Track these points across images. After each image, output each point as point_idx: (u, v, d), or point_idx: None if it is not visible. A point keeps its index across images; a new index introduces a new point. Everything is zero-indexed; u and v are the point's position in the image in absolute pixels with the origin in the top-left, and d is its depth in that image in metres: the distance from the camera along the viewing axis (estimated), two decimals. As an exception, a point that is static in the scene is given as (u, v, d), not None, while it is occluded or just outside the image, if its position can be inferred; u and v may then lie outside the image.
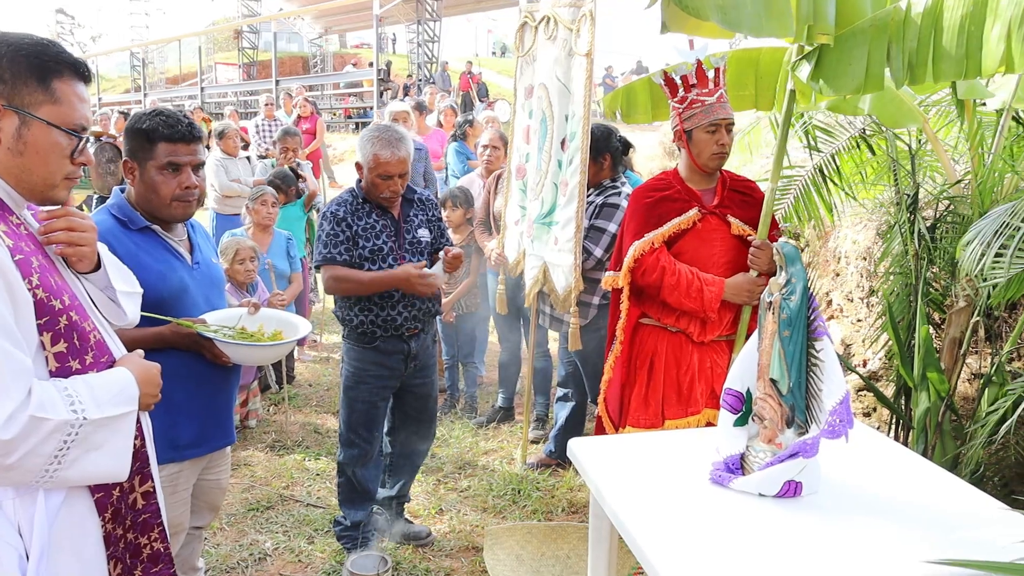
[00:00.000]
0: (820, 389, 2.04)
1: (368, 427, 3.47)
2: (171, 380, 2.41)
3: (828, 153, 4.14)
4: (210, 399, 2.60)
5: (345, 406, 3.48)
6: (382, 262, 3.30)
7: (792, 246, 2.10)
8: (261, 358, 2.81)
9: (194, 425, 2.54)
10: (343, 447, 3.51)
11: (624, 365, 3.26)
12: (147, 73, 31.82)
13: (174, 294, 2.45)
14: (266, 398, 5.56)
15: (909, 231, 3.52)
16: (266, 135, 10.76)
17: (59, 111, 1.66)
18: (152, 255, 2.43)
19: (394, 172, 3.27)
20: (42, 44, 1.65)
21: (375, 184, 3.29)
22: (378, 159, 3.25)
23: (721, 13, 2.64)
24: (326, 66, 32.61)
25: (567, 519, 3.97)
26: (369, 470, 3.53)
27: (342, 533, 3.59)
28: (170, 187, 2.41)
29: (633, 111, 4.05)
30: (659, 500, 2.07)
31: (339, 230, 3.30)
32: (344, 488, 3.56)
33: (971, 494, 2.13)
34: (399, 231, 3.38)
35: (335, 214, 3.32)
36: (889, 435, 3.72)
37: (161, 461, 2.43)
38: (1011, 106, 3.31)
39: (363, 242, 3.30)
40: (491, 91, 22.56)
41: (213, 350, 2.49)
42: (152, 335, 2.39)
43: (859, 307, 4.84)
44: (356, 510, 3.55)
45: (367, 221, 3.33)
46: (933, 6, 2.47)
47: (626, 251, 3.17)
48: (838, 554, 1.81)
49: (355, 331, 3.38)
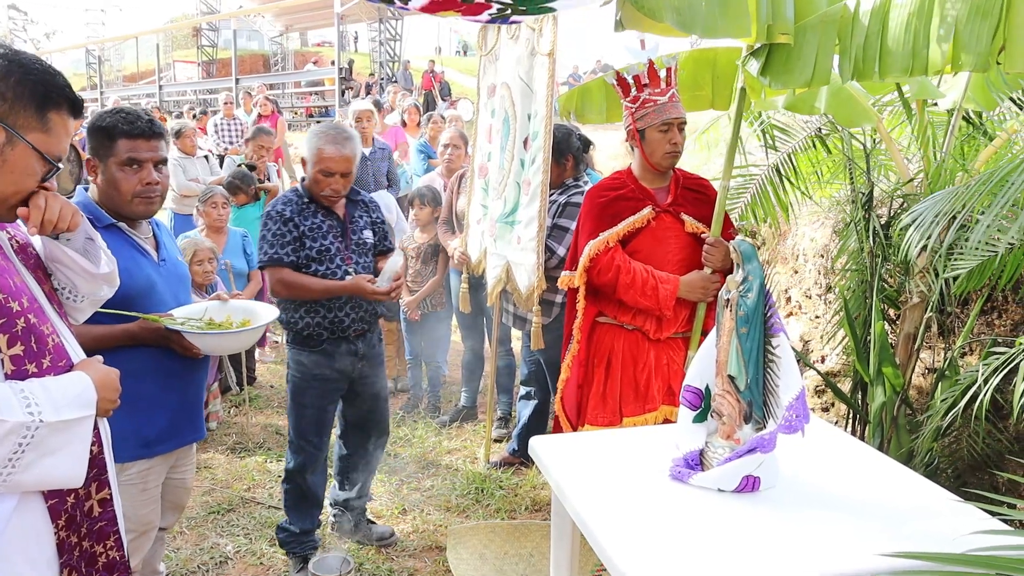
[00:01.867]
0: (777, 385, 2.07)
1: (318, 432, 3.41)
2: (141, 376, 2.42)
3: (785, 152, 4.19)
4: (180, 393, 2.60)
5: (293, 412, 3.40)
6: (329, 263, 3.25)
7: (749, 244, 2.13)
8: (231, 346, 2.79)
9: (165, 420, 2.54)
10: (293, 454, 3.43)
11: (582, 364, 3.27)
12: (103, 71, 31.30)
13: (141, 291, 2.45)
14: (227, 400, 5.50)
15: (864, 229, 3.58)
16: (225, 134, 10.64)
17: (46, 140, 1.69)
18: (118, 252, 2.40)
19: (336, 169, 3.21)
20: (50, 74, 1.70)
21: (317, 180, 3.23)
22: (322, 153, 3.19)
23: (676, 14, 2.66)
24: (287, 64, 32.31)
25: (530, 517, 3.98)
26: (318, 476, 3.47)
27: (287, 540, 3.49)
28: (131, 183, 2.41)
29: (588, 111, 4.07)
30: (620, 497, 2.09)
31: (285, 230, 3.22)
32: (292, 495, 3.48)
33: (924, 487, 2.17)
34: (345, 232, 3.33)
35: (281, 213, 3.25)
36: (847, 429, 3.79)
37: (131, 458, 2.46)
38: (961, 106, 3.38)
39: (310, 242, 3.23)
40: (454, 90, 22.50)
41: (182, 343, 2.50)
42: (121, 332, 2.41)
43: (817, 304, 4.91)
44: (304, 518, 3.48)
45: (313, 221, 3.26)
46: (881, 4, 2.51)
47: (581, 251, 3.19)
48: (795, 547, 1.84)
49: (300, 334, 3.31)
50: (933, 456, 3.30)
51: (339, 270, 3.25)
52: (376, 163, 6.61)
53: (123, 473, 2.40)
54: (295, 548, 3.48)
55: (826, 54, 2.66)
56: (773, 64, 2.81)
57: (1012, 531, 1.79)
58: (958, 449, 3.32)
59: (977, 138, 3.74)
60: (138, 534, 2.52)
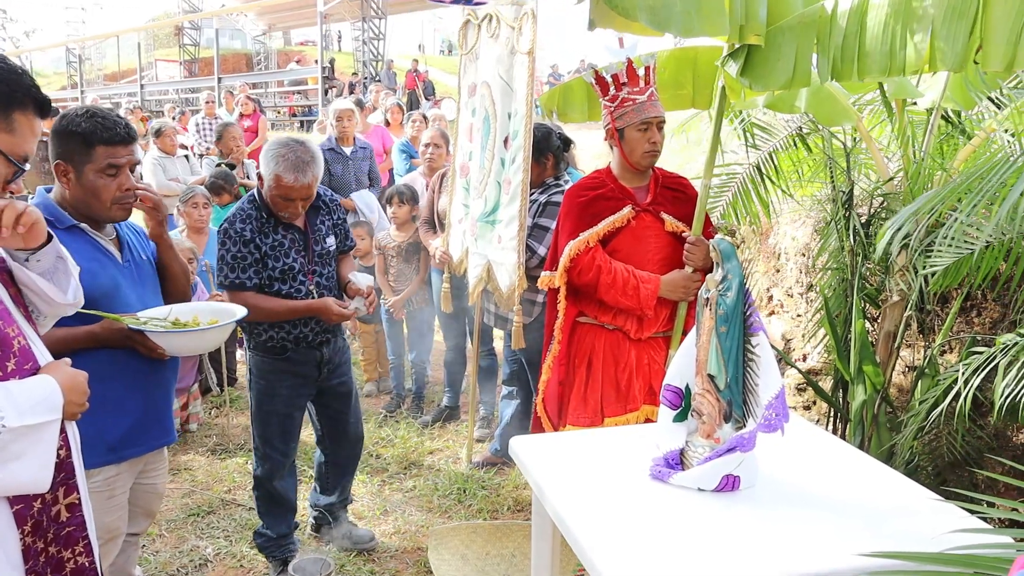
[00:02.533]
0: (757, 384, 2.06)
1: (285, 439, 3.37)
2: (106, 379, 2.36)
3: (766, 151, 4.20)
4: (147, 396, 2.55)
5: (260, 420, 3.34)
6: (292, 280, 3.16)
7: (728, 243, 2.12)
8: (197, 346, 2.68)
9: (131, 424, 2.49)
10: (260, 461, 3.38)
11: (563, 364, 3.26)
12: (84, 70, 31.02)
13: (106, 292, 2.40)
14: (207, 401, 5.45)
15: (845, 228, 3.59)
16: (206, 133, 10.57)
17: (11, 140, 1.67)
18: (82, 254, 2.37)
19: (296, 197, 3.08)
20: (16, 73, 1.67)
21: (274, 202, 3.11)
22: (280, 181, 3.04)
23: (650, 13, 2.64)
24: (270, 63, 32.15)
25: (513, 517, 3.97)
26: (287, 480, 3.43)
27: (265, 544, 3.46)
28: (111, 190, 2.38)
29: (569, 110, 4.06)
30: (600, 497, 2.08)
31: (246, 251, 3.10)
32: (264, 501, 3.44)
33: (905, 485, 2.18)
34: (308, 244, 3.23)
35: (240, 234, 3.10)
36: (828, 428, 3.80)
37: (97, 464, 2.40)
38: (940, 105, 3.39)
39: (272, 262, 3.13)
40: (438, 89, 22.49)
41: (147, 343, 2.44)
42: (84, 333, 2.35)
43: (799, 302, 4.92)
44: (279, 522, 3.44)
45: (274, 238, 3.15)
46: (859, 5, 2.51)
47: (561, 251, 3.18)
48: (775, 546, 1.84)
49: (264, 344, 3.25)
50: (913, 454, 3.32)
51: (302, 287, 3.19)
52: (357, 162, 6.59)
53: (89, 480, 2.33)
54: (274, 552, 3.46)
55: (805, 55, 2.66)
56: (752, 65, 2.81)
57: (992, 529, 1.79)
58: (938, 447, 3.33)
59: (956, 137, 3.76)
60: (104, 541, 2.46)
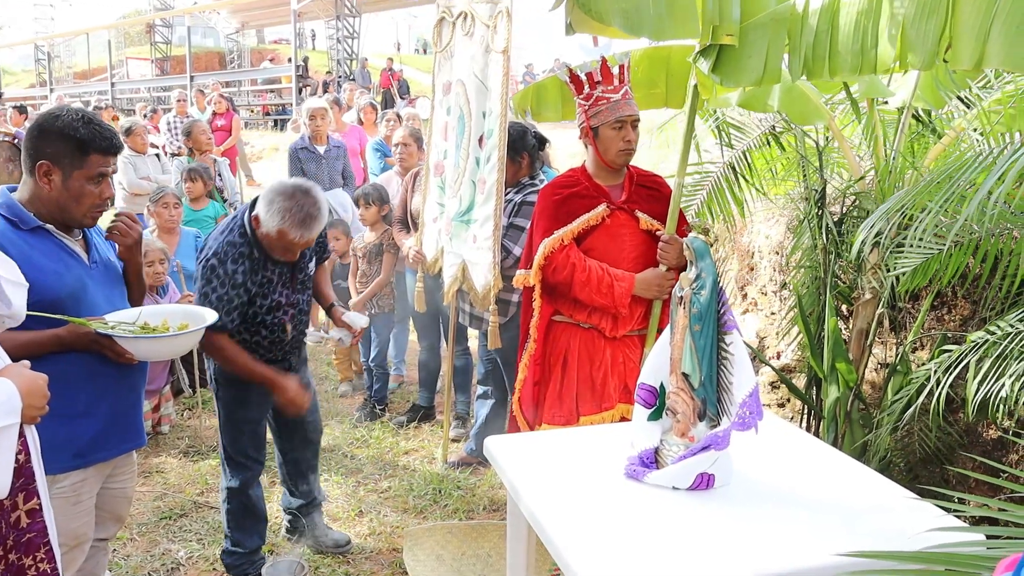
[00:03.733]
0: (731, 382, 2.07)
1: (257, 446, 3.31)
2: (73, 384, 2.32)
3: (740, 150, 4.22)
4: (116, 400, 2.50)
5: (230, 430, 3.25)
6: (275, 311, 3.10)
7: (702, 241, 2.13)
8: (164, 351, 2.62)
9: (100, 428, 2.44)
10: (234, 472, 3.29)
11: (538, 363, 3.25)
12: (53, 67, 30.62)
13: (72, 294, 2.35)
14: (179, 403, 5.39)
15: (817, 226, 3.61)
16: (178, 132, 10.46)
17: None
18: (47, 255, 2.33)
19: (299, 249, 3.03)
20: None
21: (271, 247, 3.00)
22: (284, 236, 2.92)
23: (623, 17, 2.66)
24: (243, 62, 31.88)
25: (488, 517, 3.96)
26: (259, 488, 3.39)
27: (236, 563, 3.36)
28: (93, 198, 2.36)
29: (543, 109, 4.06)
30: (574, 497, 2.07)
31: (234, 294, 2.96)
32: (237, 515, 3.34)
33: (878, 482, 2.19)
34: (293, 276, 3.16)
35: (231, 276, 2.94)
36: (801, 425, 3.82)
37: (64, 469, 2.35)
38: (911, 104, 3.42)
39: (260, 300, 3.05)
40: (413, 88, 22.38)
41: (114, 348, 2.38)
42: (49, 337, 2.29)
43: (773, 300, 4.95)
44: (252, 535, 3.37)
45: (263, 275, 3.04)
46: (830, 3, 2.53)
47: (536, 249, 3.17)
48: (750, 545, 1.84)
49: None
50: (886, 451, 3.34)
51: (284, 316, 3.15)
52: (331, 161, 6.55)
53: (55, 485, 2.30)
54: (246, 569, 3.37)
55: (776, 53, 2.67)
56: (723, 63, 2.82)
57: (968, 528, 1.80)
58: (910, 444, 3.36)
59: (926, 136, 3.79)
60: (69, 548, 2.41)
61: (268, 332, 3.14)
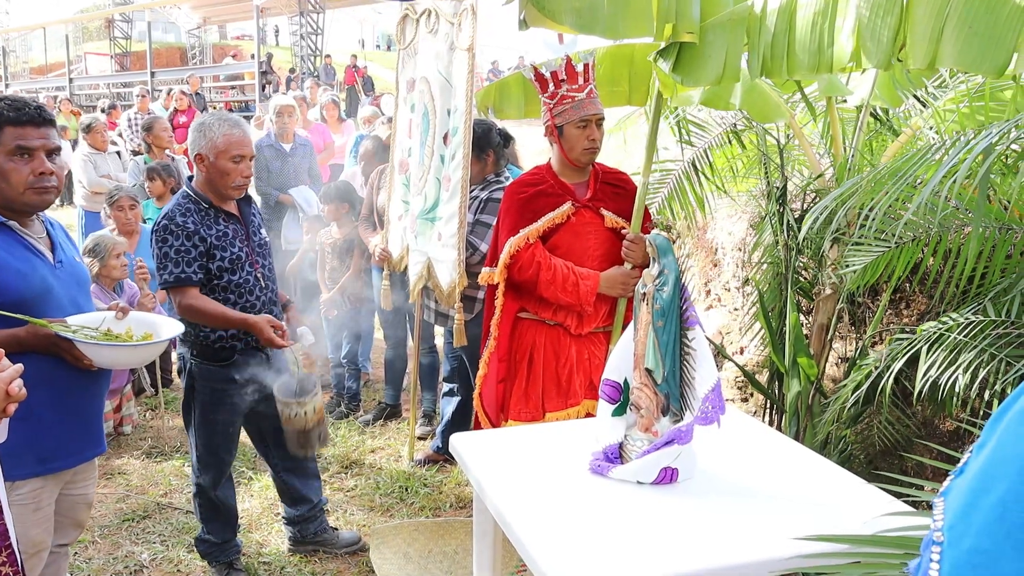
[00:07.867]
0: (693, 377, 2.10)
1: (229, 447, 3.29)
2: (32, 387, 2.25)
3: (701, 148, 4.25)
4: (76, 407, 2.43)
5: (204, 429, 3.21)
6: (240, 270, 3.08)
7: (664, 238, 2.15)
8: (126, 360, 2.59)
9: (60, 434, 2.37)
10: (203, 470, 3.25)
11: (501, 360, 3.26)
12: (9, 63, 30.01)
13: (37, 295, 2.29)
14: (141, 403, 5.33)
15: (779, 222, 3.65)
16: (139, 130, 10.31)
17: None
18: (11, 254, 2.27)
19: (246, 153, 3.04)
20: None
21: (226, 171, 3.01)
22: (230, 138, 2.99)
23: (575, 16, 2.66)
24: (205, 58, 31.50)
25: (455, 514, 3.96)
26: (229, 486, 3.37)
27: (208, 551, 3.37)
28: (22, 174, 2.26)
29: (506, 106, 4.07)
30: (540, 493, 2.09)
31: (190, 245, 2.97)
32: (207, 508, 3.33)
33: (837, 473, 2.24)
34: (248, 234, 3.16)
35: (183, 226, 2.97)
36: (764, 419, 3.87)
37: (23, 476, 2.29)
38: (869, 103, 3.48)
39: (220, 253, 3.03)
40: (377, 85, 22.24)
41: (73, 352, 2.31)
42: (7, 337, 2.21)
43: (736, 296, 5.01)
44: (224, 528, 3.36)
45: (218, 228, 3.05)
46: (788, 3, 2.56)
47: (502, 247, 3.18)
48: (714, 536, 1.87)
49: (210, 348, 3.10)
50: (846, 443, 3.40)
51: (250, 276, 3.12)
52: (297, 159, 6.50)
53: (13, 492, 2.24)
54: (219, 557, 3.37)
55: (735, 52, 2.70)
56: (683, 62, 2.84)
57: (916, 512, 1.86)
58: (870, 435, 3.42)
59: (884, 134, 3.86)
60: (28, 555, 2.35)
61: (236, 297, 3.09)
